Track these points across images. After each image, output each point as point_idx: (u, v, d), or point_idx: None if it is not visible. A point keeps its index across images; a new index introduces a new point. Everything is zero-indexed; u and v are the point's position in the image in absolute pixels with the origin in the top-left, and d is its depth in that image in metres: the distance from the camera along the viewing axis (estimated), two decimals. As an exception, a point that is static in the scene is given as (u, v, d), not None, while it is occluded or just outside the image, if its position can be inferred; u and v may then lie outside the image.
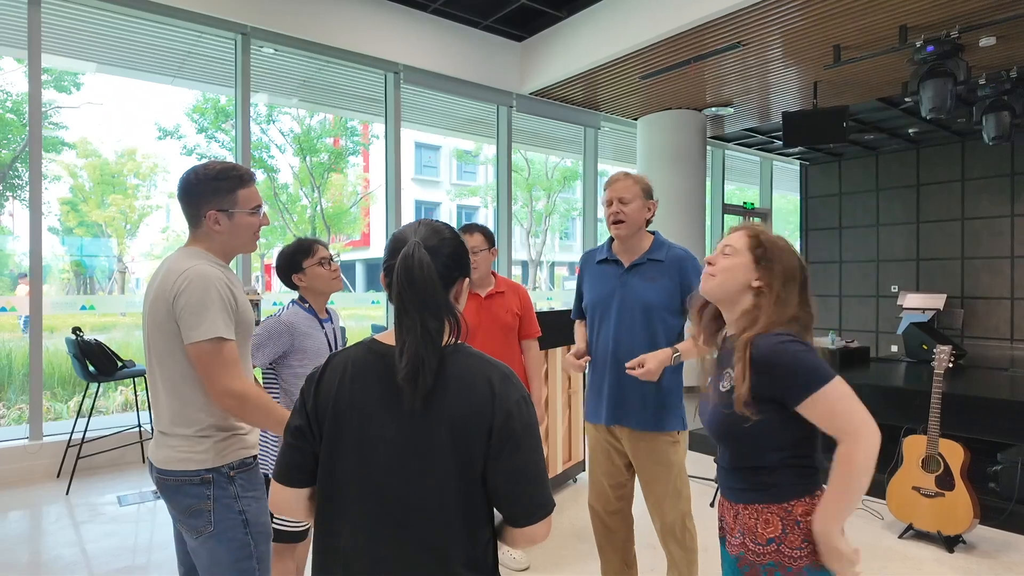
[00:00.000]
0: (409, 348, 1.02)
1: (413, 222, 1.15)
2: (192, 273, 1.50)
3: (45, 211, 5.01)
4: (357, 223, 16.64)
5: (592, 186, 7.77)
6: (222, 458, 1.54)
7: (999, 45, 4.99)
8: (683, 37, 5.07)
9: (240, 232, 1.62)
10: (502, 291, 2.85)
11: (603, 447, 2.31)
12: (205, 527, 1.52)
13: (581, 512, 3.67)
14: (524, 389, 1.10)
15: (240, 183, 1.61)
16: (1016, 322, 8.10)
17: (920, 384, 4.15)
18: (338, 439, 1.08)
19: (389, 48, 5.65)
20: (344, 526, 1.07)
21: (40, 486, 4.05)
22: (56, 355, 6.51)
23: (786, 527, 1.30)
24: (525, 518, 1.05)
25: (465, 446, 1.03)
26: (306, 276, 2.23)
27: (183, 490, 1.52)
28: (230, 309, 1.52)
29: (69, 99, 11.85)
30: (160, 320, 1.51)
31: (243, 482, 1.57)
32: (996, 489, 3.53)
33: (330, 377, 1.12)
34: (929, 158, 8.83)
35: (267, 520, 1.62)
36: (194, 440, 1.52)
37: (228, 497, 1.53)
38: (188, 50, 5.11)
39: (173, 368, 1.53)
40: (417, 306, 1.03)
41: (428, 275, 1.04)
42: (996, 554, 3.12)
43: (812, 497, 1.32)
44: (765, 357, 1.28)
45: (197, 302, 1.47)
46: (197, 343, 1.47)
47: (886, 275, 9.23)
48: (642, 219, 2.21)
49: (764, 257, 1.38)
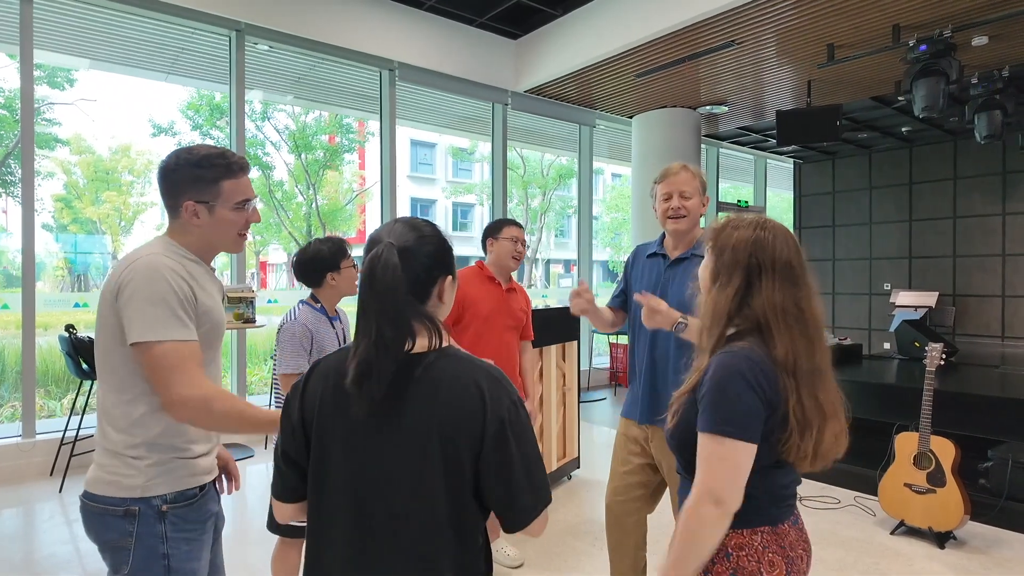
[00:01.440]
0: (360, 353, 0.99)
1: (391, 220, 1.10)
2: (140, 264, 1.29)
3: (38, 208, 4.98)
4: (353, 220, 16.60)
5: (587, 184, 7.78)
6: (153, 487, 1.30)
7: (991, 44, 5.02)
8: (678, 35, 5.08)
9: (221, 229, 1.40)
10: (515, 289, 2.95)
11: (629, 443, 2.25)
12: (121, 566, 1.30)
13: (575, 509, 3.69)
14: (514, 391, 1.06)
15: (226, 172, 1.38)
16: (1007, 320, 8.16)
17: (912, 381, 4.17)
18: (324, 448, 1.06)
19: (384, 45, 5.64)
20: (331, 541, 1.05)
21: (33, 484, 4.04)
22: (50, 353, 6.48)
23: (715, 556, 1.20)
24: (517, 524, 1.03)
25: (454, 452, 1.00)
26: (340, 276, 2.25)
27: (105, 521, 1.30)
28: (187, 306, 1.30)
29: (62, 95, 11.79)
30: (103, 314, 1.31)
31: (175, 520, 1.32)
32: (987, 485, 3.56)
33: (314, 386, 1.09)
34: (922, 157, 8.88)
35: (195, 567, 1.38)
36: (124, 460, 1.30)
37: (153, 537, 1.30)
38: (182, 46, 5.09)
39: (110, 370, 1.32)
40: (374, 311, 0.99)
41: (390, 280, 0.99)
42: (987, 550, 3.15)
43: (754, 531, 1.21)
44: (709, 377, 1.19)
45: (142, 297, 1.26)
46: (143, 344, 1.25)
47: (879, 273, 9.28)
48: (699, 215, 2.15)
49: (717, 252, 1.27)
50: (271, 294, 14.47)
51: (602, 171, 20.37)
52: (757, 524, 1.21)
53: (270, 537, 2.28)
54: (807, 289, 1.24)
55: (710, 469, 1.15)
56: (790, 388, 1.17)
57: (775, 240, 1.23)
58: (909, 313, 7.58)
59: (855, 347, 5.56)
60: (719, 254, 1.26)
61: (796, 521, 1.27)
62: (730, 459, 1.14)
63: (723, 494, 1.13)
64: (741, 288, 1.22)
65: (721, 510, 1.14)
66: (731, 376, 1.15)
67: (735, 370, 1.15)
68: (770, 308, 1.20)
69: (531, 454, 1.04)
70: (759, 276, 1.21)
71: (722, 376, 1.16)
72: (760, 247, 1.22)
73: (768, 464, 1.19)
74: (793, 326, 1.19)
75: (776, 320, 1.19)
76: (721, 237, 1.27)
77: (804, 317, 1.21)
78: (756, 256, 1.22)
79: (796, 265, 1.23)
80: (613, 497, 2.28)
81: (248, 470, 4.42)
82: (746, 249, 1.22)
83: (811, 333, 1.21)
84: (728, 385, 1.15)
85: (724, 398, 1.14)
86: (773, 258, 1.21)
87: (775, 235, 1.24)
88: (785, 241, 1.24)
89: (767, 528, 1.22)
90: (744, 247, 1.23)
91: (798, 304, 1.21)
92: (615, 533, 2.29)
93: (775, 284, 1.20)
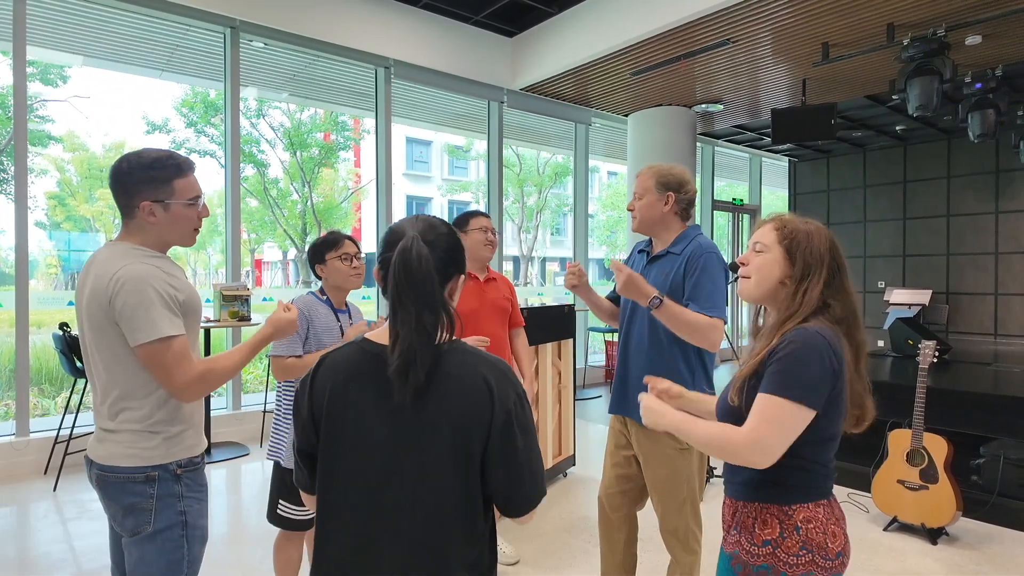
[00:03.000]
0: (403, 341, 1.00)
1: (411, 216, 1.12)
2: (124, 275, 1.43)
3: (31, 205, 4.97)
4: (348, 218, 16.57)
5: (583, 182, 7.78)
6: (171, 455, 1.50)
7: (984, 43, 5.04)
8: (673, 34, 5.09)
9: (177, 224, 1.54)
10: (494, 278, 2.92)
11: (615, 437, 2.28)
12: (143, 527, 1.47)
13: (571, 506, 3.70)
14: (520, 386, 1.09)
15: (177, 172, 1.52)
16: (1000, 317, 8.21)
17: (905, 379, 4.20)
18: (334, 443, 1.07)
19: (380, 43, 5.63)
20: (341, 530, 1.06)
21: (27, 483, 4.02)
22: (43, 351, 6.46)
23: (784, 531, 1.26)
24: (516, 512, 1.08)
25: (463, 445, 1.02)
26: (327, 268, 2.27)
27: (127, 488, 1.48)
28: (172, 304, 1.47)
29: (55, 92, 11.72)
30: (99, 324, 1.47)
31: (188, 482, 1.53)
32: (979, 482, 3.59)
33: (322, 380, 1.10)
34: (916, 155, 8.92)
35: (205, 524, 1.59)
36: (143, 435, 1.48)
37: (171, 496, 1.50)
38: (176, 43, 5.07)
39: (119, 368, 1.48)
40: (413, 300, 1.01)
41: (426, 268, 1.02)
42: (978, 546, 3.17)
43: (816, 504, 1.27)
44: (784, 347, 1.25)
45: (135, 304, 1.42)
46: (144, 345, 1.43)
47: (873, 271, 9.32)
48: (655, 213, 2.13)
49: (792, 249, 1.32)
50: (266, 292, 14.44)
51: (598, 169, 20.40)
52: (819, 497, 1.28)
53: (266, 536, 2.29)
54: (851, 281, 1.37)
55: (770, 424, 1.21)
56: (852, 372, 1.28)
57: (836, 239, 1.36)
58: (903, 311, 7.62)
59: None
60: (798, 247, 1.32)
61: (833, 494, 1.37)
62: (790, 421, 1.21)
63: (773, 448, 1.20)
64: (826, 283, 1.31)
65: (762, 460, 1.21)
66: (810, 349, 1.23)
67: (813, 344, 1.23)
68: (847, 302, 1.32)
69: (533, 446, 1.08)
70: (838, 272, 1.32)
71: (800, 347, 1.23)
72: (835, 246, 1.34)
73: (828, 438, 1.28)
74: (857, 315, 1.33)
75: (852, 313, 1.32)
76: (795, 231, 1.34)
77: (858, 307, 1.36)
78: (835, 255, 1.33)
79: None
80: (604, 491, 2.30)
81: (242, 468, 4.41)
82: (828, 248, 1.33)
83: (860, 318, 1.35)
84: (805, 355, 1.22)
85: (799, 365, 1.22)
86: (843, 257, 1.34)
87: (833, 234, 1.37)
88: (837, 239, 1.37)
89: (826, 501, 1.29)
90: (827, 244, 1.33)
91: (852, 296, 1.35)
92: (605, 528, 2.31)
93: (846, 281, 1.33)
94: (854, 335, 1.31)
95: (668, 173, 2.17)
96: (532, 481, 1.07)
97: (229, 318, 4.53)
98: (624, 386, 2.19)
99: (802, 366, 1.22)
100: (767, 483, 1.28)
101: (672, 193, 2.13)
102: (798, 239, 1.32)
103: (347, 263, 2.27)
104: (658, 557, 2.54)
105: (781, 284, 1.33)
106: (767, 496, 1.29)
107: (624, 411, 2.20)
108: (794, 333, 1.26)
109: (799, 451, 1.24)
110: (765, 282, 1.34)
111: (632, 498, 2.27)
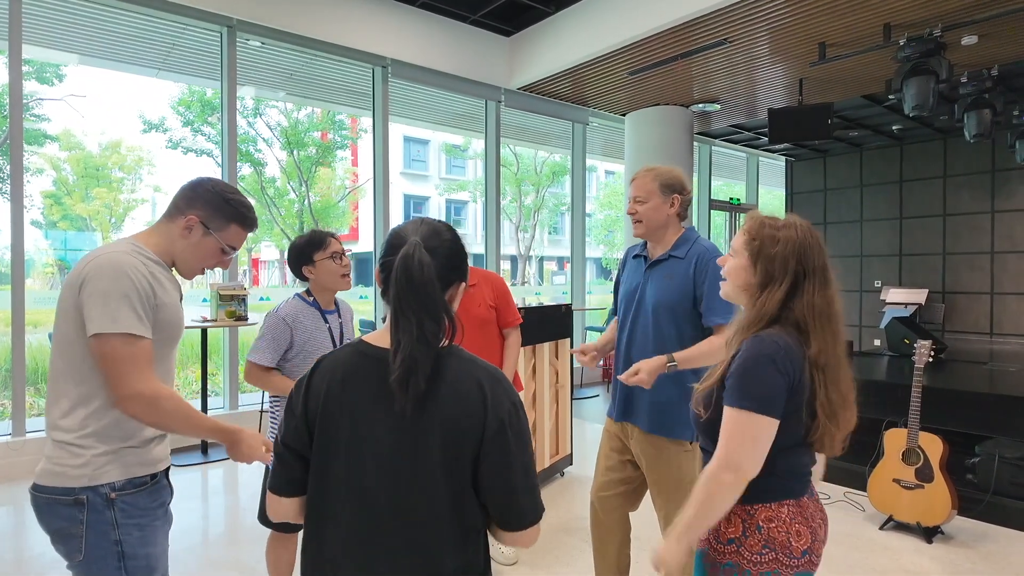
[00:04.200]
0: (404, 349, 0.99)
1: (414, 219, 1.11)
2: (104, 259, 1.34)
3: (27, 205, 4.95)
4: (346, 217, 16.56)
5: (580, 181, 7.79)
6: (101, 475, 1.34)
7: (981, 44, 5.06)
8: (670, 33, 5.09)
9: (199, 253, 1.49)
10: (474, 284, 2.79)
11: (611, 440, 2.26)
12: (74, 555, 1.34)
13: (569, 506, 3.70)
14: (515, 393, 1.08)
15: (242, 221, 1.52)
16: (995, 317, 8.24)
17: (901, 378, 4.21)
18: (328, 444, 1.06)
19: (377, 42, 5.62)
20: (333, 532, 1.05)
21: (23, 483, 4.01)
22: (40, 350, 6.44)
23: (746, 530, 1.28)
24: (515, 524, 1.05)
25: (456, 451, 1.02)
26: (315, 269, 2.21)
27: (53, 510, 1.33)
28: (146, 305, 1.35)
29: (51, 91, 11.69)
30: (64, 307, 1.35)
31: (125, 507, 1.36)
32: (974, 481, 3.60)
33: (319, 381, 1.09)
34: (912, 155, 8.94)
35: (150, 552, 1.41)
36: (70, 450, 1.33)
37: (104, 524, 1.33)
38: (173, 42, 5.06)
39: (64, 361, 1.36)
40: (415, 307, 1.00)
41: (428, 275, 1.00)
42: (973, 544, 3.19)
43: (780, 504, 1.29)
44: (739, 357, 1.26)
45: (105, 290, 1.30)
46: (102, 336, 1.29)
47: (869, 270, 9.34)
48: (661, 216, 2.11)
49: (755, 255, 1.31)
50: (263, 291, 14.42)
51: (595, 168, 20.41)
52: (783, 498, 1.30)
53: (262, 535, 2.28)
54: (834, 287, 1.31)
55: (732, 440, 1.23)
56: (819, 383, 1.26)
57: (814, 243, 1.30)
58: (899, 310, 7.64)
59: (846, 344, 5.60)
60: (768, 258, 1.30)
61: (812, 493, 1.37)
62: (751, 432, 1.22)
63: (742, 462, 1.22)
64: (788, 292, 1.29)
65: (737, 476, 1.23)
66: (760, 359, 1.23)
67: (764, 354, 1.23)
68: (809, 311, 1.27)
69: (528, 459, 1.06)
70: (803, 280, 1.28)
71: (752, 358, 1.24)
72: (805, 251, 1.29)
73: (792, 445, 1.28)
74: (826, 326, 1.28)
75: (814, 322, 1.27)
76: (763, 238, 1.31)
77: (833, 315, 1.29)
78: (802, 262, 1.28)
79: (828, 265, 1.31)
80: (596, 494, 2.28)
81: (240, 468, 4.41)
82: (794, 254, 1.29)
83: (836, 329, 1.29)
84: (756, 366, 1.23)
85: (753, 377, 1.23)
86: (814, 262, 1.29)
87: (812, 237, 1.31)
88: (819, 242, 1.32)
89: (791, 501, 1.30)
90: (793, 252, 1.29)
91: (831, 304, 1.29)
92: (598, 530, 2.28)
93: (815, 288, 1.28)
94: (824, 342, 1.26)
95: (670, 175, 2.14)
96: (526, 492, 1.04)
97: (226, 317, 4.53)
98: (629, 392, 2.15)
99: (754, 376, 1.23)
100: None
101: (677, 196, 2.12)
102: (764, 245, 1.30)
103: (337, 262, 2.22)
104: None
105: (746, 290, 1.33)
106: None
107: (626, 417, 2.18)
108: (749, 342, 1.27)
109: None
110: (736, 287, 1.36)
111: (626, 501, 2.25)
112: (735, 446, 1.23)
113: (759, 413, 1.21)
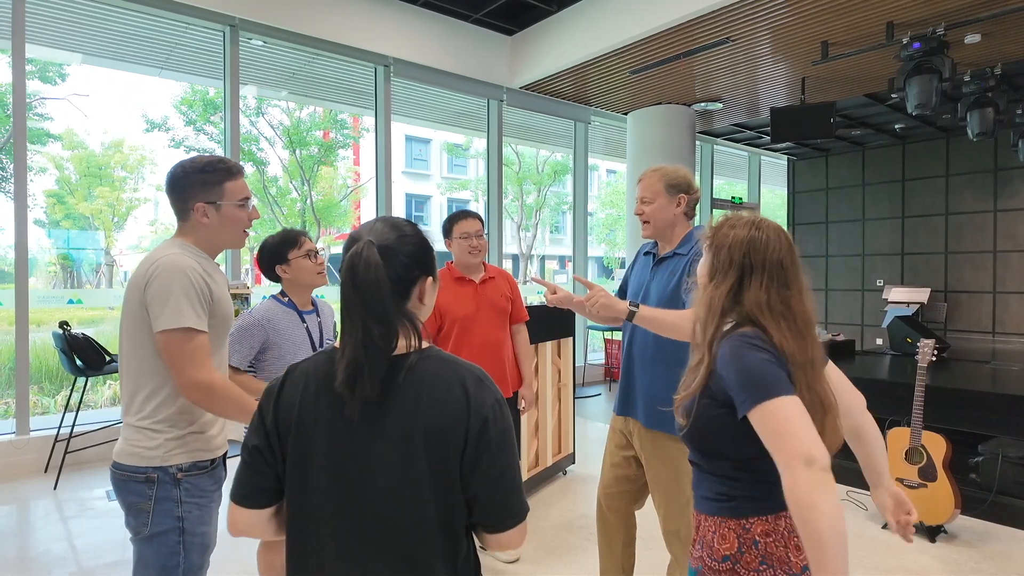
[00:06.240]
0: (348, 354, 0.97)
1: (373, 219, 1.08)
2: (164, 261, 1.48)
3: (30, 203, 4.96)
4: (347, 216, 16.55)
5: (582, 180, 7.79)
6: (171, 457, 1.50)
7: (983, 42, 5.05)
8: (673, 32, 5.09)
9: (228, 225, 1.60)
10: (493, 277, 2.90)
11: (616, 436, 2.28)
12: (142, 528, 1.49)
13: (570, 505, 3.71)
14: (498, 392, 1.06)
15: (228, 175, 1.59)
16: (998, 315, 8.23)
17: (904, 377, 4.20)
18: (304, 456, 1.02)
19: (379, 41, 5.63)
20: (318, 545, 1.03)
21: (28, 481, 4.03)
22: (43, 349, 6.45)
23: (742, 545, 1.21)
24: (499, 524, 1.03)
25: (441, 454, 0.99)
26: (291, 268, 2.19)
27: (128, 486, 1.49)
28: (203, 300, 1.49)
29: (54, 90, 11.70)
30: (132, 308, 1.50)
31: (189, 487, 1.52)
32: (977, 480, 3.59)
33: (291, 391, 1.05)
34: (914, 154, 8.93)
35: (207, 531, 1.56)
36: (146, 433, 1.49)
37: (169, 500, 1.49)
38: (175, 41, 5.06)
39: (137, 356, 1.51)
40: (359, 309, 0.97)
41: (374, 277, 0.97)
42: (977, 543, 3.18)
43: (777, 516, 1.21)
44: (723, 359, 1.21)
45: (166, 290, 1.45)
46: (165, 331, 1.44)
47: (871, 269, 9.34)
48: (667, 216, 2.13)
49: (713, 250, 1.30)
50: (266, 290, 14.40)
51: (597, 167, 20.39)
52: (779, 509, 1.21)
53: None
54: (798, 287, 1.27)
55: (780, 437, 1.10)
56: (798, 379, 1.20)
57: (768, 240, 1.27)
58: (901, 309, 7.64)
59: (848, 343, 5.59)
60: (716, 252, 1.30)
61: None
62: (789, 415, 1.11)
63: (808, 450, 1.08)
64: (734, 285, 1.26)
65: (817, 466, 1.07)
66: (746, 351, 1.18)
67: (748, 345, 1.19)
68: (756, 304, 1.24)
69: (512, 458, 1.04)
70: (751, 274, 1.25)
71: (739, 354, 1.19)
72: (754, 247, 1.26)
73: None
74: (781, 321, 1.23)
75: (763, 315, 1.23)
76: (718, 236, 1.31)
77: (792, 314, 1.24)
78: (750, 256, 1.26)
79: (788, 265, 1.27)
80: (602, 491, 2.29)
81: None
82: (741, 248, 1.26)
83: (800, 328, 1.24)
84: (748, 359, 1.17)
85: (753, 370, 1.16)
86: (765, 258, 1.25)
87: (769, 235, 1.27)
88: (779, 241, 1.28)
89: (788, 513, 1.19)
90: (739, 246, 1.27)
91: (786, 302, 1.24)
92: (603, 528, 2.30)
93: (763, 283, 1.24)
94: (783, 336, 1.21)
95: (675, 175, 2.15)
96: (513, 493, 1.02)
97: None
98: (629, 387, 2.19)
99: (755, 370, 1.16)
100: (723, 496, 1.25)
101: (683, 195, 2.13)
102: (716, 243, 1.29)
103: (312, 260, 2.20)
104: (656, 556, 2.55)
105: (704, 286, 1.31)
106: (724, 510, 1.24)
107: (629, 412, 2.20)
108: (722, 350, 1.22)
109: (751, 464, 1.21)
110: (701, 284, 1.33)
111: (631, 498, 2.26)
112: (789, 439, 1.09)
113: (774, 397, 1.12)
